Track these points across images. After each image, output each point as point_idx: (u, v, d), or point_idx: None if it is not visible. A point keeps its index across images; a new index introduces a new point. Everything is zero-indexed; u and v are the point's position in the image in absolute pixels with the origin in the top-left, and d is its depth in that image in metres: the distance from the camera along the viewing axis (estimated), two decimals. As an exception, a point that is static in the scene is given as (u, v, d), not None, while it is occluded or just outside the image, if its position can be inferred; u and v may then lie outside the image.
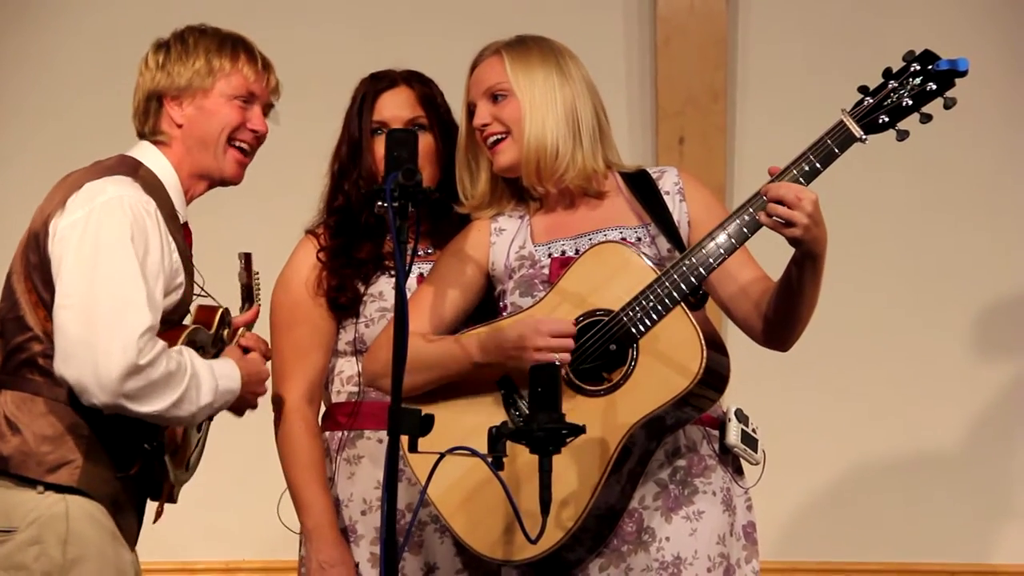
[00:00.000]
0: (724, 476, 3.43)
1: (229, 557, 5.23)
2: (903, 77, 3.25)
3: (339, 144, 3.80)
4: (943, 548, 5.28)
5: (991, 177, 5.38)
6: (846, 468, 5.35)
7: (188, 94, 3.41)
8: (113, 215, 3.22)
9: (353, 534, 3.69)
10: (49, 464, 3.22)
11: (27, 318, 3.28)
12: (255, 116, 3.46)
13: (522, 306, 3.45)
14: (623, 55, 5.40)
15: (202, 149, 3.42)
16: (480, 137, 3.53)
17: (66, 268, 3.21)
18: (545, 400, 3.07)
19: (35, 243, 3.29)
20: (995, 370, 5.34)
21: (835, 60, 5.30)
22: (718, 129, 5.36)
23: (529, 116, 3.48)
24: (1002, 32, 5.37)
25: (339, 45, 5.36)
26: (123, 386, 3.13)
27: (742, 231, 3.28)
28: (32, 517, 3.21)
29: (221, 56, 3.43)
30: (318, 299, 3.72)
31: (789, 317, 3.35)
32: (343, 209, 3.76)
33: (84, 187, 3.27)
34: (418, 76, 3.81)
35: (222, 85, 3.42)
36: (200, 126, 3.41)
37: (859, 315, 5.26)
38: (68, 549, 3.20)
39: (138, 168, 3.36)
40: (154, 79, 3.43)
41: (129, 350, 3.13)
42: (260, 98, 3.47)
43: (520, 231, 3.57)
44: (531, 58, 3.52)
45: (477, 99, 3.54)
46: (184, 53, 3.42)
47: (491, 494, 3.29)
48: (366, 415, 3.71)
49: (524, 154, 3.48)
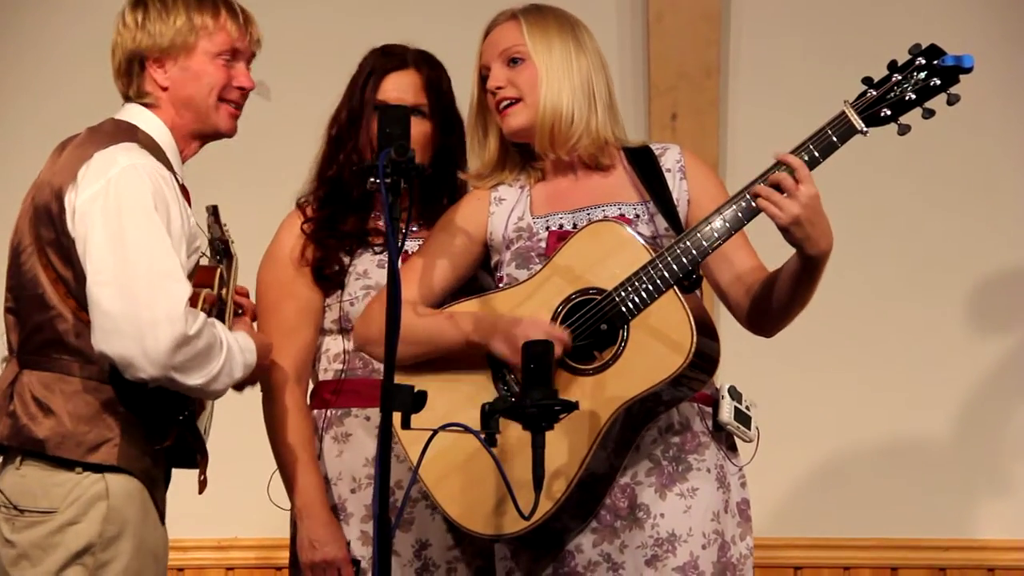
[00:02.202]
0: (717, 453, 3.43)
1: (221, 535, 5.24)
2: (908, 71, 3.24)
3: (339, 110, 3.78)
4: (935, 524, 5.28)
5: (988, 157, 5.37)
6: (839, 445, 5.35)
7: (171, 55, 3.35)
8: (132, 185, 3.19)
9: (343, 512, 3.69)
10: (89, 444, 3.21)
11: (48, 296, 3.25)
12: (240, 73, 3.41)
13: (518, 278, 3.45)
14: (615, 31, 5.38)
15: (192, 110, 3.38)
16: (492, 101, 3.51)
17: (94, 244, 3.17)
18: (538, 377, 3.07)
19: (47, 218, 3.25)
20: (990, 348, 5.34)
21: (827, 37, 5.29)
22: (711, 105, 5.34)
23: (546, 81, 3.46)
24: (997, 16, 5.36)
25: (327, 24, 5.33)
26: (173, 358, 3.12)
27: (738, 216, 3.27)
28: (73, 498, 3.20)
29: (202, 13, 3.36)
30: (303, 270, 3.71)
31: (779, 310, 3.36)
32: (334, 180, 3.75)
33: (94, 158, 3.23)
34: (428, 59, 3.79)
35: (205, 44, 3.36)
36: (186, 88, 3.37)
37: (853, 292, 5.26)
38: (107, 528, 3.20)
39: (136, 132, 3.32)
40: (134, 39, 3.36)
41: (176, 321, 3.11)
42: (244, 53, 3.42)
43: (520, 202, 3.56)
44: (548, 25, 3.51)
45: (491, 62, 3.52)
46: (164, 10, 3.36)
47: (478, 469, 3.29)
48: (353, 393, 3.71)
49: (539, 119, 3.46)
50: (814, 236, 3.19)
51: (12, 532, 3.23)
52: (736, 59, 5.42)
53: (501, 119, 3.51)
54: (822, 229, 3.20)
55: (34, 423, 3.22)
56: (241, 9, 3.43)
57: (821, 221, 3.19)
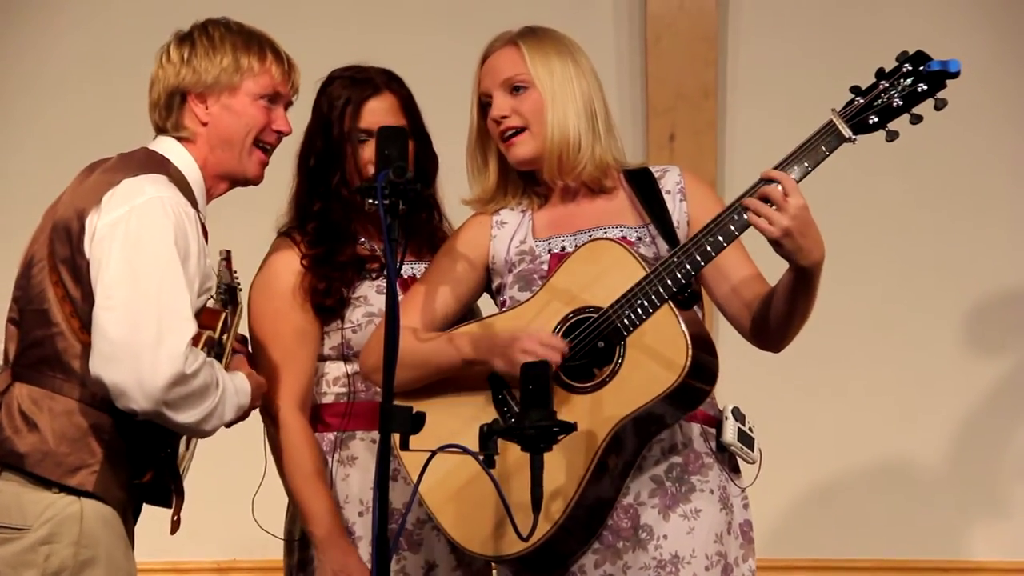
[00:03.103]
0: (721, 474, 3.42)
1: (219, 557, 5.23)
2: (894, 77, 3.24)
3: (311, 140, 3.73)
4: (934, 545, 5.28)
5: (984, 174, 5.38)
6: (839, 465, 5.35)
7: (214, 92, 3.36)
8: (155, 216, 3.19)
9: (351, 536, 3.67)
10: (68, 466, 3.20)
11: (53, 312, 3.24)
12: (279, 117, 3.42)
13: (520, 301, 3.44)
14: (613, 52, 5.40)
15: (227, 149, 3.38)
16: (496, 129, 3.50)
17: (108, 269, 3.16)
18: (536, 398, 3.06)
19: (66, 235, 3.25)
20: (988, 368, 5.34)
21: (825, 56, 5.30)
22: (709, 126, 5.35)
23: (551, 108, 3.45)
24: (995, 29, 5.37)
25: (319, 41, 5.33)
26: (167, 393, 3.11)
27: (729, 230, 3.26)
28: (47, 516, 3.19)
29: (249, 54, 3.37)
30: (303, 304, 3.69)
31: (779, 324, 3.34)
32: (321, 214, 3.73)
33: (121, 184, 3.23)
34: (394, 78, 3.76)
35: (249, 84, 3.37)
36: (226, 126, 3.37)
37: (851, 313, 5.26)
38: (80, 551, 3.18)
39: (167, 165, 3.32)
40: (178, 74, 3.36)
41: (176, 359, 3.11)
42: (284, 98, 3.43)
43: (522, 225, 3.56)
44: (548, 50, 3.49)
45: (493, 89, 3.50)
46: (211, 48, 3.36)
47: (479, 491, 3.29)
48: (357, 416, 3.69)
49: (547, 147, 3.45)
50: (806, 247, 3.18)
51: None
52: (734, 80, 5.43)
53: (506, 149, 3.50)
54: (813, 239, 3.18)
55: (17, 436, 3.21)
56: (286, 55, 3.44)
57: (811, 232, 3.18)
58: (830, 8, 5.44)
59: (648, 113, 5.34)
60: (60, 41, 5.47)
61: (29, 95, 5.47)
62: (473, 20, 5.02)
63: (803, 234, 3.16)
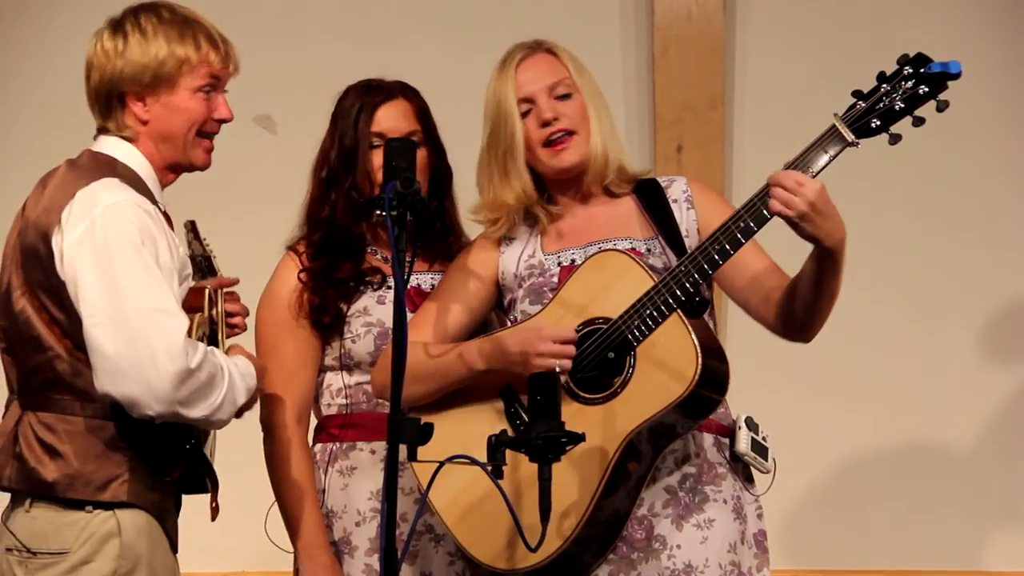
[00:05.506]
0: (735, 484, 3.42)
1: (228, 568, 5.22)
2: (895, 80, 3.23)
3: (327, 152, 3.75)
4: (947, 555, 5.27)
5: (994, 183, 5.37)
6: (851, 475, 5.34)
7: (152, 91, 3.30)
8: (116, 224, 3.17)
9: (347, 546, 3.68)
10: (98, 483, 3.20)
11: (43, 337, 3.23)
12: (220, 104, 3.37)
13: (531, 314, 3.44)
14: (620, 64, 5.40)
15: (170, 144, 3.34)
16: (541, 133, 3.48)
17: (85, 287, 3.15)
18: (545, 408, 3.06)
19: (36, 261, 3.23)
20: (1000, 377, 5.34)
21: (833, 67, 5.29)
22: (716, 137, 5.35)
23: (596, 115, 3.48)
24: (1002, 39, 5.37)
25: (329, 54, 5.33)
26: (177, 393, 3.10)
27: (736, 237, 3.26)
28: (84, 536, 3.19)
29: (184, 44, 3.30)
30: (301, 319, 3.70)
31: (807, 311, 3.32)
32: (327, 223, 3.73)
33: (76, 197, 3.21)
34: (409, 88, 3.78)
35: (188, 80, 3.31)
36: (167, 123, 3.32)
37: (863, 322, 5.25)
38: (121, 564, 3.19)
39: (115, 166, 3.29)
40: (114, 68, 3.30)
41: (177, 357, 3.10)
42: (224, 80, 3.38)
43: (530, 240, 3.56)
44: (576, 58, 3.53)
45: (538, 94, 3.48)
46: (143, 40, 3.30)
47: (494, 503, 3.28)
48: (359, 426, 3.70)
49: (592, 153, 3.47)
50: (827, 227, 3.17)
51: (26, 575, 3.22)
52: (741, 91, 5.43)
53: (552, 153, 3.48)
54: (835, 219, 3.19)
55: (42, 466, 3.21)
56: (219, 36, 3.37)
57: (832, 211, 3.18)
58: (837, 19, 5.44)
59: (655, 124, 5.33)
60: (60, 49, 5.47)
61: (31, 97, 5.48)
62: (482, 34, 5.03)
63: (824, 214, 3.16)
